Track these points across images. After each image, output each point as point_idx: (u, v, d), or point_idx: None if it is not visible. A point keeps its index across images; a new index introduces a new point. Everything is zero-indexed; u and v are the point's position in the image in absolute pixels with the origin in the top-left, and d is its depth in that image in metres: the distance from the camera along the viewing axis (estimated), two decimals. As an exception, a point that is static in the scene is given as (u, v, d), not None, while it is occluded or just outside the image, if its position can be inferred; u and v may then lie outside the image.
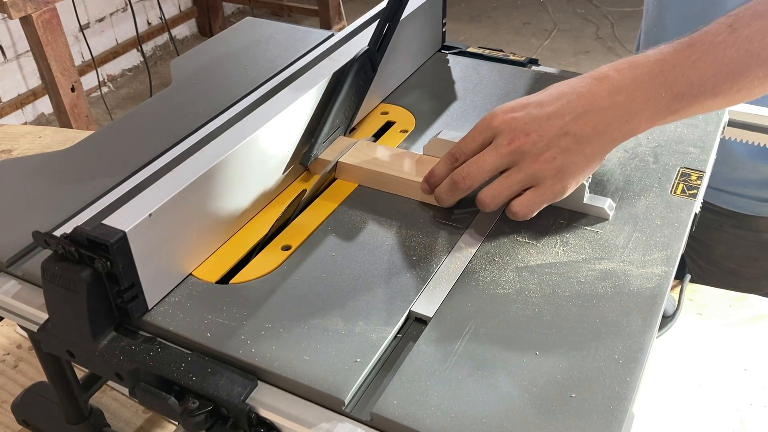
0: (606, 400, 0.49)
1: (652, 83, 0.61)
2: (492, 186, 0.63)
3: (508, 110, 0.63)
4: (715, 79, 0.60)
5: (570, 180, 0.62)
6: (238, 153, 0.64)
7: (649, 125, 0.62)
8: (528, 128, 0.61)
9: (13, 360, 0.88)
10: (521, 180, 0.62)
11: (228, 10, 4.00)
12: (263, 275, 0.61)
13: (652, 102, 0.61)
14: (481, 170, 0.63)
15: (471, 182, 0.63)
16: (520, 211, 0.63)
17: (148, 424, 0.80)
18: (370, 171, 0.71)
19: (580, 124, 0.61)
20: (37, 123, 3.12)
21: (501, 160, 0.62)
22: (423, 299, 0.58)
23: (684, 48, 0.61)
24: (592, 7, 3.98)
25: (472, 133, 0.65)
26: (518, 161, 0.61)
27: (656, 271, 0.60)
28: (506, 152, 0.62)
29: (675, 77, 0.60)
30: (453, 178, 0.64)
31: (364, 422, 0.50)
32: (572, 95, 0.62)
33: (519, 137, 0.61)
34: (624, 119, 0.61)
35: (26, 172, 0.74)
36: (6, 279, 0.63)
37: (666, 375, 0.79)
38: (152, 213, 0.56)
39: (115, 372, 0.55)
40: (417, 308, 0.58)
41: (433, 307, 0.58)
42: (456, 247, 0.64)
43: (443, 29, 0.97)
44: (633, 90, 0.61)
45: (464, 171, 0.64)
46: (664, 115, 0.61)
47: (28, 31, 2.03)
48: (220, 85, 0.87)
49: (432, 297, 0.58)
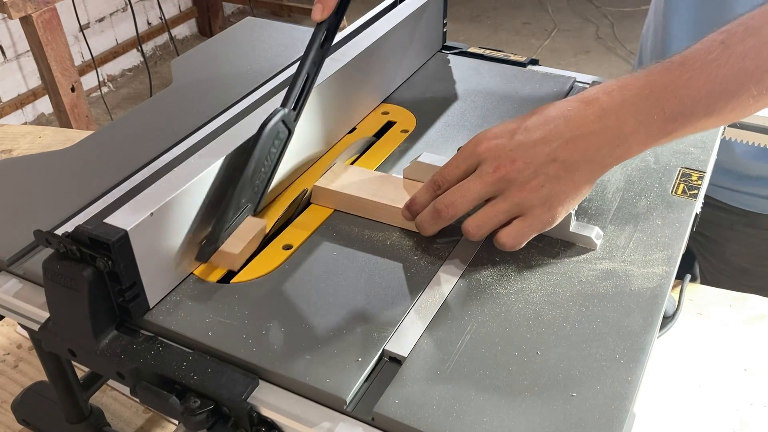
0: (607, 400, 0.49)
1: (644, 105, 0.58)
2: (477, 215, 0.60)
3: (492, 137, 0.60)
4: (708, 99, 0.58)
5: (559, 208, 0.59)
6: (239, 152, 0.64)
7: (641, 149, 0.59)
8: (514, 155, 0.58)
9: (13, 360, 0.88)
10: (507, 209, 0.59)
11: (228, 10, 4.00)
12: (264, 274, 0.61)
13: (643, 125, 0.58)
14: (465, 199, 0.60)
15: (454, 211, 0.60)
16: (508, 242, 0.59)
17: (148, 424, 0.80)
18: (347, 196, 0.67)
19: (569, 150, 0.58)
20: (37, 123, 3.12)
21: (486, 188, 0.59)
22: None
23: (675, 67, 0.59)
24: (592, 7, 3.98)
25: (455, 160, 0.62)
26: (504, 190, 0.59)
27: (657, 271, 0.60)
28: (491, 180, 0.59)
29: (667, 98, 0.58)
30: (435, 207, 0.61)
31: (366, 421, 0.50)
32: (559, 120, 0.59)
33: (504, 165, 0.58)
34: (614, 144, 0.58)
35: (26, 172, 0.74)
36: (7, 278, 0.63)
37: (666, 375, 0.79)
38: (153, 212, 0.56)
39: (117, 371, 0.55)
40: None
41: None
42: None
43: (444, 29, 0.97)
44: (623, 113, 0.58)
45: (447, 199, 0.61)
46: (656, 137, 0.59)
47: (28, 31, 2.03)
48: (220, 85, 0.87)
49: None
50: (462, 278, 0.60)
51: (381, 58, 0.83)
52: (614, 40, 3.63)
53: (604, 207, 0.68)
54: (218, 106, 0.80)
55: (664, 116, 0.58)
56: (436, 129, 0.81)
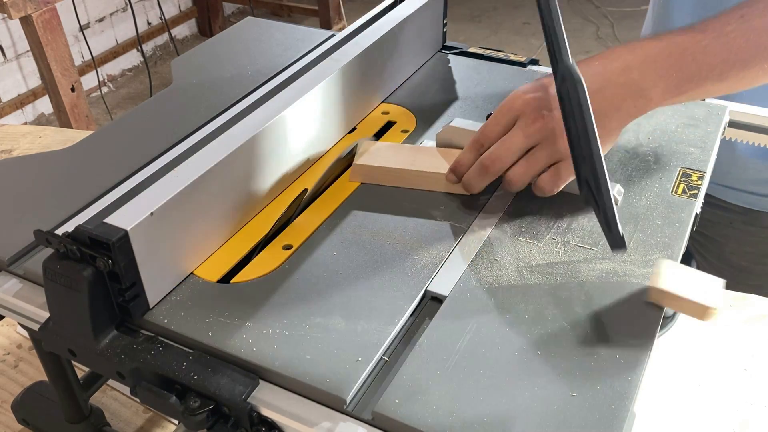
0: (607, 400, 0.49)
1: (663, 63, 0.63)
2: (519, 165, 0.64)
3: (528, 91, 0.65)
4: (722, 66, 0.64)
5: None
6: (239, 152, 0.64)
7: (660, 101, 0.64)
8: (550, 106, 0.63)
9: (13, 360, 0.88)
10: (547, 156, 0.63)
11: (228, 10, 4.00)
12: (264, 274, 0.61)
13: (662, 80, 0.63)
14: (509, 152, 0.64)
15: (501, 165, 0.65)
16: (547, 186, 0.64)
17: (148, 424, 0.80)
18: (391, 170, 0.71)
19: (598, 99, 0.62)
20: (37, 123, 3.12)
21: (527, 140, 0.64)
22: (439, 278, 0.60)
23: (695, 33, 0.64)
24: (592, 7, 3.98)
25: (495, 118, 0.66)
26: (543, 139, 0.63)
27: (657, 271, 0.60)
28: (531, 131, 0.63)
29: (684, 60, 0.63)
30: (482, 163, 0.66)
31: (366, 421, 0.50)
32: (588, 73, 0.63)
33: (542, 116, 0.63)
34: (638, 95, 0.63)
35: (26, 172, 0.74)
36: (7, 278, 0.63)
37: (666, 375, 0.79)
38: (154, 212, 0.56)
39: (117, 371, 0.55)
40: (433, 287, 0.59)
41: (449, 285, 0.59)
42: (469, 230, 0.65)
43: (444, 29, 0.97)
44: (645, 68, 0.64)
45: (493, 154, 0.65)
46: (674, 94, 0.64)
47: (28, 31, 2.03)
48: (220, 85, 0.87)
49: (448, 274, 0.60)
50: (461, 279, 0.60)
51: (381, 58, 0.84)
52: (614, 40, 3.63)
53: (604, 207, 0.68)
54: (218, 106, 0.81)
55: (681, 76, 0.64)
56: (436, 129, 0.81)
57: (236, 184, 0.65)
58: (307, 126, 0.73)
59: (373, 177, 0.72)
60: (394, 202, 0.69)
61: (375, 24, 0.86)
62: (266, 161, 0.68)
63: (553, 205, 0.68)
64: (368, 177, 0.72)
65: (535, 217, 0.67)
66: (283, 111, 0.69)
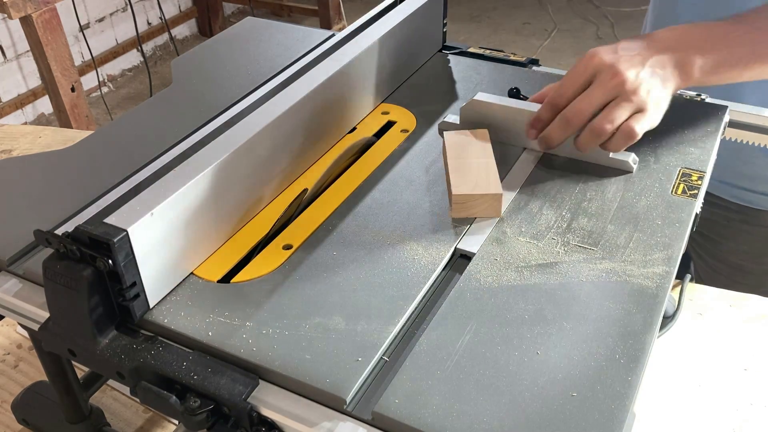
0: (607, 400, 0.49)
1: (703, 45, 0.72)
2: (603, 114, 0.68)
3: (601, 52, 0.70)
4: (750, 56, 0.73)
5: (660, 109, 0.70)
6: (239, 152, 0.64)
7: (698, 77, 0.72)
8: (624, 65, 0.69)
9: (13, 360, 0.88)
10: (628, 107, 0.68)
11: (228, 10, 4.00)
12: (264, 274, 0.61)
13: (699, 59, 0.71)
14: (591, 105, 0.69)
15: (582, 117, 0.69)
16: (632, 131, 0.68)
17: (148, 424, 0.80)
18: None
19: (661, 63, 0.70)
20: (37, 123, 3.12)
21: (606, 94, 0.68)
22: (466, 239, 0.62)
23: (730, 24, 0.74)
24: (592, 7, 3.98)
25: (570, 78, 0.71)
26: (621, 93, 0.68)
27: (657, 271, 0.60)
28: (611, 86, 0.68)
29: (721, 44, 0.72)
30: (565, 116, 0.70)
31: (366, 421, 0.50)
32: (642, 43, 0.71)
33: (620, 72, 0.68)
34: (682, 68, 0.71)
35: (26, 172, 0.74)
36: (7, 278, 0.63)
37: (666, 375, 0.79)
38: (154, 212, 0.56)
39: (117, 371, 0.55)
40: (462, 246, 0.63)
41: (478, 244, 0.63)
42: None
43: (444, 29, 0.97)
44: (686, 46, 0.72)
45: (575, 108, 0.69)
46: (708, 73, 0.72)
47: (28, 31, 2.03)
48: (220, 85, 0.87)
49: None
50: (462, 279, 0.60)
51: (381, 58, 0.84)
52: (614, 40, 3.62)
53: (604, 207, 0.68)
54: (218, 106, 0.81)
55: (714, 59, 0.72)
56: (436, 129, 0.81)
57: (236, 184, 0.65)
58: (307, 126, 0.73)
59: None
60: (394, 201, 0.69)
61: (375, 24, 0.86)
62: (266, 161, 0.68)
63: (554, 205, 0.68)
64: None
65: (535, 217, 0.67)
66: (283, 111, 0.69)
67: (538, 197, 0.69)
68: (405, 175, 0.73)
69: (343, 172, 0.74)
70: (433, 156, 0.76)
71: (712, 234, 1.04)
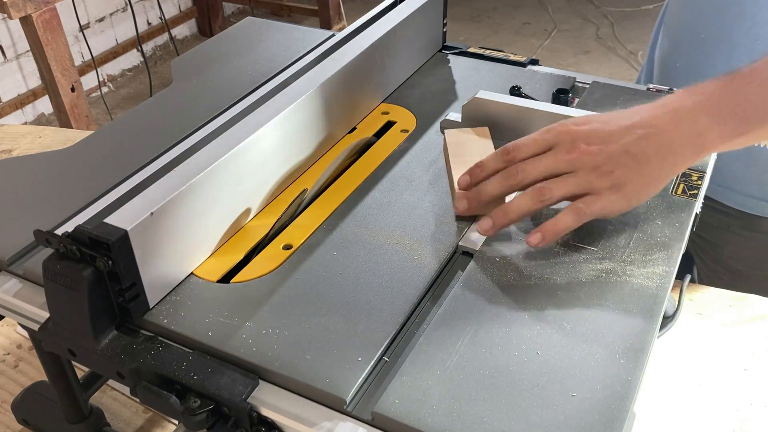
0: (607, 400, 0.49)
1: (716, 106, 0.61)
2: (550, 181, 0.62)
3: (570, 123, 0.64)
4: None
5: (630, 196, 0.61)
6: (239, 152, 0.64)
7: (718, 145, 0.62)
8: (589, 140, 0.62)
9: (13, 360, 0.88)
10: (577, 183, 0.61)
11: (228, 10, 4.00)
12: (264, 274, 0.61)
13: (717, 124, 0.61)
14: (536, 169, 0.63)
15: (524, 176, 0.63)
16: (583, 206, 0.61)
17: (148, 424, 0.80)
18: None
19: (642, 144, 0.61)
20: (37, 123, 3.12)
21: (557, 164, 0.62)
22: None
23: (743, 76, 0.63)
24: (592, 7, 3.98)
25: (531, 137, 0.64)
26: (576, 170, 0.61)
27: (657, 271, 0.60)
28: (565, 159, 0.62)
29: (737, 101, 0.61)
30: (508, 171, 0.64)
31: (366, 421, 0.50)
32: (635, 117, 0.62)
33: (579, 147, 0.62)
34: (691, 141, 0.61)
35: (26, 172, 0.74)
36: (7, 278, 0.63)
37: (666, 375, 0.79)
38: (153, 212, 0.56)
39: (117, 371, 0.55)
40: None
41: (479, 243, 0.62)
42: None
43: (444, 29, 0.97)
44: (696, 113, 0.62)
45: (520, 165, 0.63)
46: (730, 136, 0.62)
47: (28, 31, 2.03)
48: (220, 85, 0.87)
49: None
50: (462, 279, 0.60)
51: (381, 58, 0.83)
52: (614, 40, 3.63)
53: (604, 207, 0.68)
54: (218, 106, 0.81)
55: (736, 118, 0.61)
56: (436, 129, 0.81)
57: (236, 185, 0.65)
58: (307, 126, 0.73)
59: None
60: (393, 201, 0.69)
61: (375, 24, 0.86)
62: (266, 161, 0.68)
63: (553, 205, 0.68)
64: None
65: (536, 217, 0.67)
66: (283, 111, 0.69)
67: (538, 197, 0.69)
68: (405, 175, 0.73)
69: (343, 172, 0.74)
70: (433, 156, 0.76)
71: (713, 238, 1.04)
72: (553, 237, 0.61)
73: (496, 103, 0.76)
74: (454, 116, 0.80)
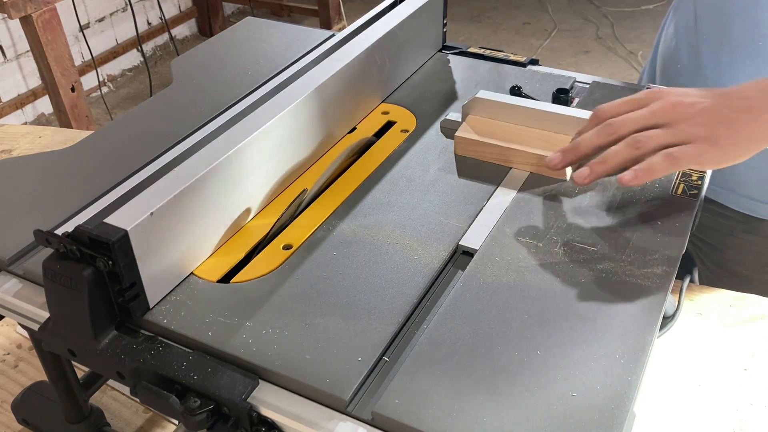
0: (607, 400, 0.49)
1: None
2: (644, 132, 0.64)
3: (665, 88, 0.67)
4: None
5: (721, 149, 0.63)
6: (239, 152, 0.64)
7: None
8: (684, 97, 0.65)
9: (13, 360, 0.88)
10: (673, 134, 0.63)
11: (228, 10, 4.00)
12: (264, 274, 0.61)
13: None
14: (633, 121, 0.65)
15: (621, 128, 0.65)
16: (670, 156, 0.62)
17: (148, 424, 0.80)
18: (489, 145, 0.74)
19: (736, 103, 0.63)
20: (37, 123, 3.12)
21: (653, 117, 0.64)
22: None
23: None
24: (592, 7, 3.98)
25: (621, 100, 0.67)
26: (671, 122, 0.63)
27: (657, 271, 0.60)
28: (661, 112, 0.64)
29: None
30: (605, 124, 0.66)
31: (366, 421, 0.50)
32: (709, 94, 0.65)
33: (675, 101, 0.64)
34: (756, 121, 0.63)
35: (26, 172, 0.74)
36: (7, 278, 0.63)
37: (666, 375, 0.79)
38: (153, 212, 0.56)
39: (117, 371, 0.55)
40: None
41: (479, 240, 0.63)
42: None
43: (444, 29, 0.97)
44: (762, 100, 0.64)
45: (617, 119, 0.66)
46: None
47: (28, 31, 2.03)
48: (220, 85, 0.87)
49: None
50: (462, 279, 0.60)
51: (381, 58, 0.83)
52: (614, 40, 3.63)
53: (604, 207, 0.68)
54: (218, 106, 0.81)
55: None
56: (436, 129, 0.81)
57: (236, 184, 0.65)
58: (307, 126, 0.73)
59: (473, 151, 0.75)
60: (392, 202, 0.69)
61: (375, 24, 0.86)
62: (266, 161, 0.68)
63: (553, 205, 0.68)
64: (468, 150, 0.76)
65: (535, 217, 0.67)
66: (283, 111, 0.69)
67: (538, 197, 0.69)
68: (405, 175, 0.73)
69: (343, 172, 0.74)
70: (433, 156, 0.76)
71: (716, 243, 1.04)
72: (646, 178, 0.63)
73: (496, 103, 0.76)
74: (454, 116, 0.80)
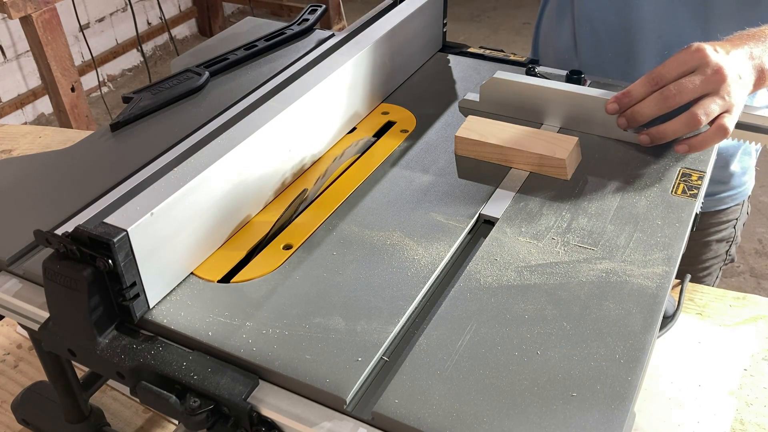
0: (607, 400, 0.49)
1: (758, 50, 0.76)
2: (700, 104, 0.70)
3: (705, 47, 0.72)
4: None
5: (736, 114, 0.73)
6: (239, 152, 0.64)
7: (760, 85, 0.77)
8: (726, 64, 0.71)
9: (13, 360, 0.88)
10: (722, 105, 0.71)
11: (228, 9, 4.00)
12: (264, 274, 0.61)
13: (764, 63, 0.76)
14: (689, 90, 0.71)
15: (680, 98, 0.71)
16: (725, 129, 0.71)
17: (148, 424, 0.80)
18: (489, 145, 0.75)
19: (746, 71, 0.74)
20: (37, 123, 3.12)
21: (705, 86, 0.71)
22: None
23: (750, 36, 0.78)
24: (591, 7, 3.97)
25: (673, 62, 0.72)
26: (718, 90, 0.71)
27: (657, 271, 0.60)
28: (713, 80, 0.70)
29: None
30: (664, 93, 0.71)
31: (366, 421, 0.50)
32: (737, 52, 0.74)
33: (722, 70, 0.71)
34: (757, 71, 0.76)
35: (26, 172, 0.74)
36: (7, 278, 0.63)
37: (666, 375, 0.79)
38: (153, 212, 0.56)
39: (117, 371, 0.55)
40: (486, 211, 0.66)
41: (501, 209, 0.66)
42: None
43: (444, 29, 0.97)
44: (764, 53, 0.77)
45: (676, 88, 0.71)
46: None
47: (28, 31, 2.03)
48: (220, 84, 0.87)
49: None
50: (462, 279, 0.60)
51: (381, 58, 0.83)
52: (614, 40, 3.62)
53: (604, 207, 0.68)
54: (218, 107, 0.80)
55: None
56: (436, 129, 0.81)
57: (236, 184, 0.65)
58: (307, 126, 0.73)
59: (474, 151, 0.76)
60: (392, 202, 0.69)
61: (375, 24, 0.86)
62: (266, 161, 0.68)
63: (553, 205, 0.68)
64: (468, 150, 0.76)
65: (535, 217, 0.67)
66: (283, 111, 0.69)
67: (537, 197, 0.69)
68: (405, 175, 0.73)
69: (344, 172, 0.74)
70: (433, 156, 0.76)
71: None
72: (700, 149, 0.72)
73: (514, 83, 0.79)
74: (472, 96, 0.82)
